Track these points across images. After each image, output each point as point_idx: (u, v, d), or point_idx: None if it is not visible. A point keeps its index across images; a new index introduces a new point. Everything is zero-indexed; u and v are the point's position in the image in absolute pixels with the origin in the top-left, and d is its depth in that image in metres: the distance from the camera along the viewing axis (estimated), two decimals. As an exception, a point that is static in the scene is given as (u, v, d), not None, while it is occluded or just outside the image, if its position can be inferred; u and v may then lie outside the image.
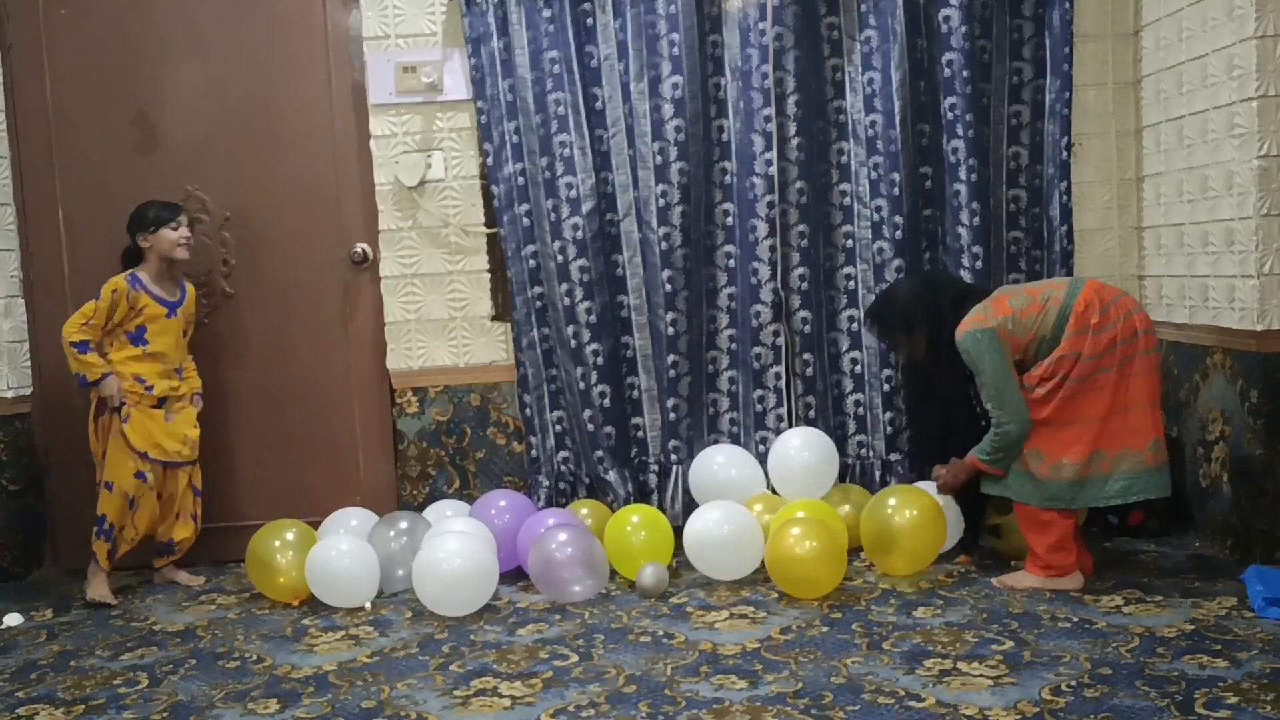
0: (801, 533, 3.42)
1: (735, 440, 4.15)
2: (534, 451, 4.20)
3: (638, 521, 3.72)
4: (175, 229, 3.89)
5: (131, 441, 3.82)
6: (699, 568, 3.66)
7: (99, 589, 3.82)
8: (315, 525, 3.93)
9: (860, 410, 4.13)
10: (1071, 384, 3.27)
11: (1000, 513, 3.66)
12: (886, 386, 4.07)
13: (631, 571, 3.64)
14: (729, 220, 4.12)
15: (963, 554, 3.72)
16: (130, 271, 3.88)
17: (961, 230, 4.01)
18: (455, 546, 3.44)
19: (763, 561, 3.61)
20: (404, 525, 3.77)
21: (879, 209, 4.05)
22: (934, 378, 3.58)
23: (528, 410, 4.19)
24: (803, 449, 3.89)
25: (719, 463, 3.98)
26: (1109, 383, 3.27)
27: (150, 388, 3.86)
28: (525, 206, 4.11)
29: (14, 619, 3.71)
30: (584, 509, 3.95)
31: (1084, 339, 3.26)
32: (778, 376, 4.09)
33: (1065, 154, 4.01)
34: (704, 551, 3.62)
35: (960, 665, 2.83)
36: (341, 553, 3.61)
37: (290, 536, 3.73)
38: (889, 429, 4.10)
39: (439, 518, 3.90)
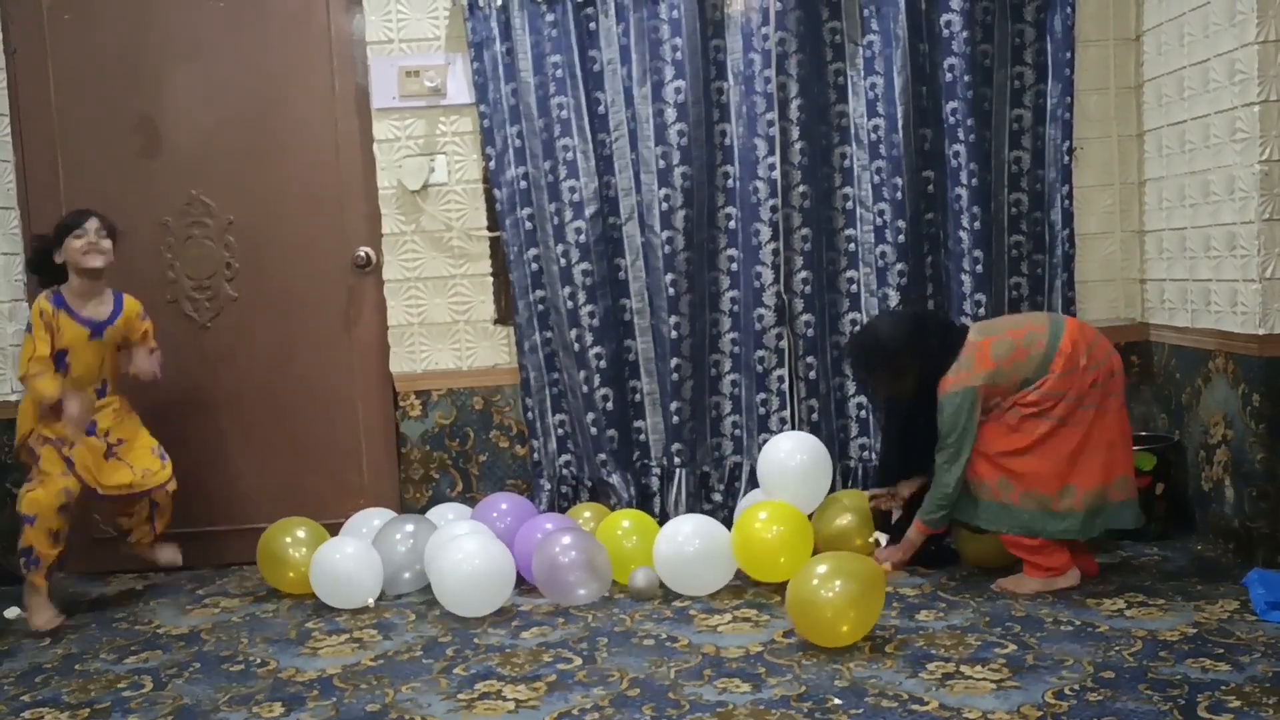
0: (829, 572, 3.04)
1: (738, 444, 4.16)
2: (536, 455, 4.21)
3: (628, 526, 3.73)
4: (79, 236, 3.65)
5: (78, 468, 3.64)
6: (670, 585, 3.59)
7: (43, 614, 3.64)
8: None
9: (862, 413, 4.14)
10: (1051, 420, 3.30)
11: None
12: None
13: (622, 576, 3.64)
14: (731, 224, 4.12)
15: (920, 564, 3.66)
16: (54, 289, 3.69)
17: (963, 234, 4.02)
18: (474, 547, 3.46)
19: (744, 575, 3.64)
20: (409, 528, 3.77)
21: (881, 213, 4.06)
22: (916, 415, 3.52)
23: (530, 413, 4.20)
24: (795, 452, 3.78)
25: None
26: (1086, 419, 3.31)
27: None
28: (528, 210, 4.12)
29: (13, 612, 3.74)
30: (586, 511, 3.96)
31: (1073, 378, 3.30)
32: (780, 380, 4.09)
33: (1067, 158, 4.02)
34: (675, 569, 3.57)
35: (963, 669, 2.84)
36: (346, 555, 3.62)
37: (301, 534, 3.83)
38: (891, 432, 4.11)
39: (440, 520, 3.92)
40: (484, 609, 3.48)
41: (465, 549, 3.46)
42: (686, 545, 3.55)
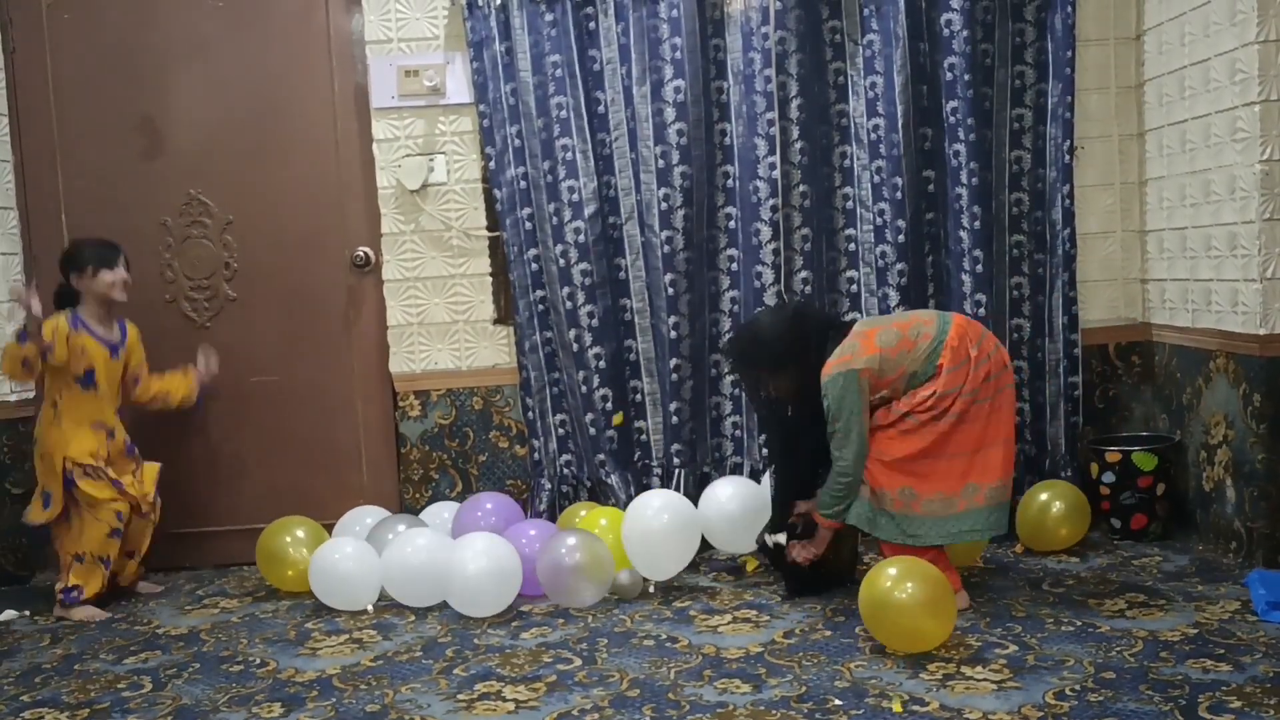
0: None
1: (738, 444, 4.16)
2: (537, 454, 4.20)
3: (605, 525, 3.70)
4: (113, 270, 3.77)
5: (101, 493, 3.69)
6: (636, 564, 3.61)
7: (84, 612, 3.73)
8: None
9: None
10: (950, 418, 3.17)
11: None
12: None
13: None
14: (731, 224, 4.12)
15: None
16: (71, 310, 3.77)
17: (963, 234, 4.01)
18: (483, 546, 3.45)
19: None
20: (401, 528, 3.76)
21: (881, 212, 4.06)
22: (802, 419, 3.34)
23: (530, 413, 4.19)
24: (735, 498, 3.73)
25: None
26: (982, 415, 3.19)
27: (111, 432, 3.81)
28: (527, 210, 4.11)
29: (9, 615, 3.75)
30: (582, 510, 3.93)
31: (964, 373, 3.17)
32: (780, 380, 4.09)
33: (1067, 157, 4.01)
34: (642, 547, 3.59)
35: (964, 669, 2.83)
36: (346, 555, 3.62)
37: (301, 533, 3.82)
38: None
39: (434, 520, 3.93)
40: (493, 609, 3.47)
41: (475, 547, 3.45)
42: (655, 520, 3.57)
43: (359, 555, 3.63)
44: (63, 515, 3.73)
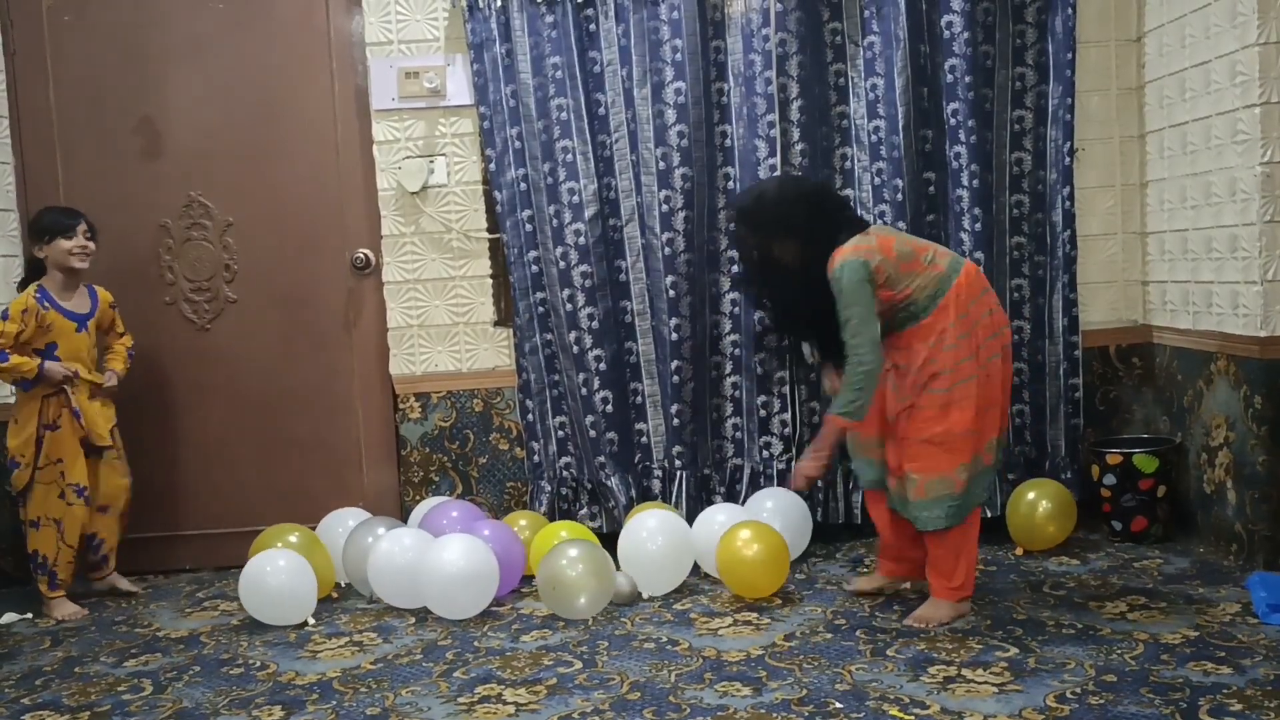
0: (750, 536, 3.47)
1: (739, 446, 4.15)
2: (536, 457, 4.20)
3: (566, 537, 3.66)
4: (70, 238, 3.77)
5: (70, 477, 3.74)
6: (633, 576, 3.62)
7: (63, 609, 3.77)
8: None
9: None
10: (980, 371, 3.07)
11: None
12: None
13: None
14: (732, 225, 4.12)
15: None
16: (38, 285, 3.78)
17: (964, 236, 4.01)
18: (461, 548, 3.44)
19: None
20: (381, 530, 3.73)
21: (882, 214, 4.05)
22: (797, 297, 3.19)
23: (530, 416, 4.19)
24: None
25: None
26: (997, 371, 3.13)
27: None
28: (528, 212, 4.11)
29: (9, 618, 3.76)
30: (521, 519, 3.93)
31: (969, 322, 3.08)
32: (781, 382, 4.09)
33: (1068, 159, 4.01)
34: (637, 562, 3.62)
35: (964, 672, 2.83)
36: (278, 568, 3.54)
37: (294, 539, 3.75)
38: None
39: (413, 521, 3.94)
40: (472, 610, 3.48)
41: (454, 549, 3.45)
42: (650, 542, 3.60)
43: (293, 569, 3.56)
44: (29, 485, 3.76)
